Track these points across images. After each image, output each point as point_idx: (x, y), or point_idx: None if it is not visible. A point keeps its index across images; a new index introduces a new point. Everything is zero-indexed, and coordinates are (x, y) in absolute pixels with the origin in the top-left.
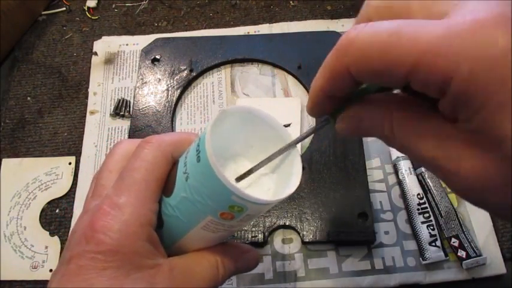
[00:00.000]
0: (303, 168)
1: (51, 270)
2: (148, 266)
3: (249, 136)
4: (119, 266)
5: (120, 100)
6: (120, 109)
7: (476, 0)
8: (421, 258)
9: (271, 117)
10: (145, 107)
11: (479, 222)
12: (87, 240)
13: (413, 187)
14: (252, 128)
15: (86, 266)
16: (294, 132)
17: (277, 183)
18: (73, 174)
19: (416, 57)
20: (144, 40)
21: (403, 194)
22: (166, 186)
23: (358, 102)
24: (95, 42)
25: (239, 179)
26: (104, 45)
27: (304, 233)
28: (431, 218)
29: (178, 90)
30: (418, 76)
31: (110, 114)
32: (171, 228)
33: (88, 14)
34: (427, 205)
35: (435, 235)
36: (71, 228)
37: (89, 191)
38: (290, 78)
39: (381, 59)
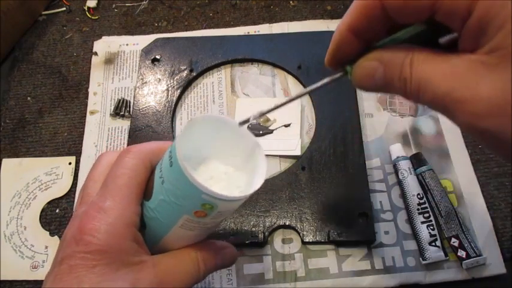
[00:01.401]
0: (303, 168)
1: None
2: (134, 263)
3: (220, 141)
4: (107, 263)
5: (120, 100)
6: (120, 109)
7: None
8: (421, 258)
9: (236, 122)
10: (146, 107)
11: (479, 222)
12: (76, 242)
13: (413, 187)
14: (222, 133)
15: (76, 265)
16: (294, 132)
17: (246, 181)
18: (73, 174)
19: None
20: (144, 40)
21: (403, 194)
22: (147, 190)
23: (375, 50)
24: (95, 42)
25: (242, 123)
26: (104, 45)
27: (304, 233)
28: (431, 218)
29: (178, 90)
30: (444, 2)
31: (110, 114)
32: (152, 229)
33: (88, 14)
34: (427, 205)
35: (435, 235)
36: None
37: (77, 201)
38: (290, 78)
39: None
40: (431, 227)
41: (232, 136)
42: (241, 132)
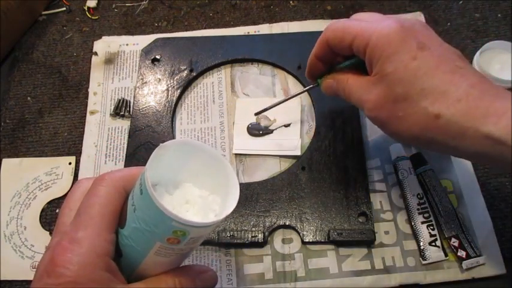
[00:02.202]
0: (303, 168)
1: None
2: None
3: (193, 165)
4: None
5: (120, 100)
6: (120, 109)
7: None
8: (421, 258)
9: (206, 145)
10: (146, 107)
11: (479, 222)
12: (48, 274)
13: (413, 187)
14: (194, 157)
15: None
16: (294, 132)
17: (221, 204)
18: (73, 174)
19: (355, 33)
20: (144, 40)
21: (403, 194)
22: (121, 218)
23: (333, 72)
24: (95, 42)
25: (257, 114)
26: (104, 45)
27: (304, 233)
28: (431, 218)
29: (178, 90)
30: (355, 43)
31: (110, 114)
32: (128, 256)
33: (88, 14)
34: (427, 205)
35: (435, 235)
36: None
37: (54, 230)
38: (290, 78)
39: (340, 32)
40: (431, 227)
41: (204, 159)
42: (213, 155)
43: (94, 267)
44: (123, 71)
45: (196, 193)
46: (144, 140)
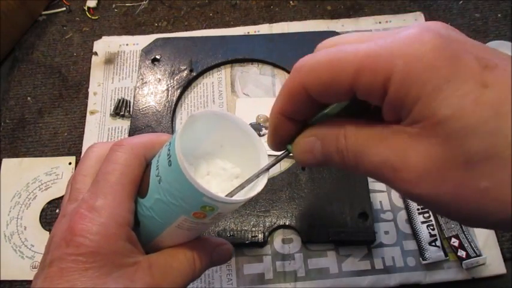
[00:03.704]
0: (303, 168)
1: None
2: (128, 264)
3: (218, 136)
4: (100, 266)
5: (120, 100)
6: (120, 109)
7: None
8: (421, 258)
9: (237, 117)
10: (146, 107)
11: None
12: (67, 243)
13: None
14: (221, 129)
15: (67, 268)
16: None
17: (243, 178)
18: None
19: (358, 63)
20: (144, 40)
21: None
22: (141, 187)
23: (310, 127)
24: (95, 42)
25: (229, 195)
26: (104, 45)
27: (304, 233)
28: (431, 217)
29: (178, 90)
30: (361, 81)
31: (110, 114)
32: (147, 227)
33: (88, 14)
34: None
35: (435, 235)
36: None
37: (65, 196)
38: None
39: (328, 70)
40: (431, 227)
41: (231, 131)
42: (243, 128)
43: (115, 237)
44: (123, 71)
45: (219, 165)
46: None
